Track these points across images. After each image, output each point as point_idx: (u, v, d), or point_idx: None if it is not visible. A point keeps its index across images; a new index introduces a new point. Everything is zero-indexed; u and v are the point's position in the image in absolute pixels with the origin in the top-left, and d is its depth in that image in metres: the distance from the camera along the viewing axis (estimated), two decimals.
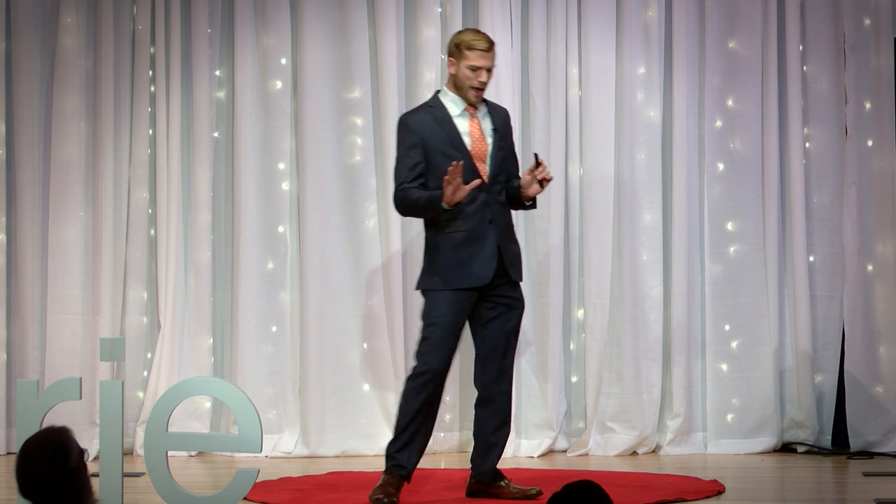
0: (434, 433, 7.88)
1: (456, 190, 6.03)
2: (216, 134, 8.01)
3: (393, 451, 6.25)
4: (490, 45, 6.29)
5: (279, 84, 7.96)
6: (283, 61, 7.95)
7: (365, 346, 7.91)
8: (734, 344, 7.89)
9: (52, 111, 7.91)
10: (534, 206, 6.46)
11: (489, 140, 6.31)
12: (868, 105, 7.88)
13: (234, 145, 7.93)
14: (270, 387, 7.91)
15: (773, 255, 7.86)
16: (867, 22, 7.89)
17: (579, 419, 7.94)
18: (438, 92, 6.40)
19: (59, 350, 7.85)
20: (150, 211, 7.97)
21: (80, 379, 5.57)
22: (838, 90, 7.92)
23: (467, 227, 6.20)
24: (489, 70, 6.29)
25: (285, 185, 7.97)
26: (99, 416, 5.70)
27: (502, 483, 6.37)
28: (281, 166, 7.96)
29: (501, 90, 7.83)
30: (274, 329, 7.93)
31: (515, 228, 6.46)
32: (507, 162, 6.38)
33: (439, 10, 7.95)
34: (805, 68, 7.95)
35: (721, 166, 7.95)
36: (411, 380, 6.24)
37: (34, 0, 7.92)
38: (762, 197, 7.89)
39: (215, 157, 7.99)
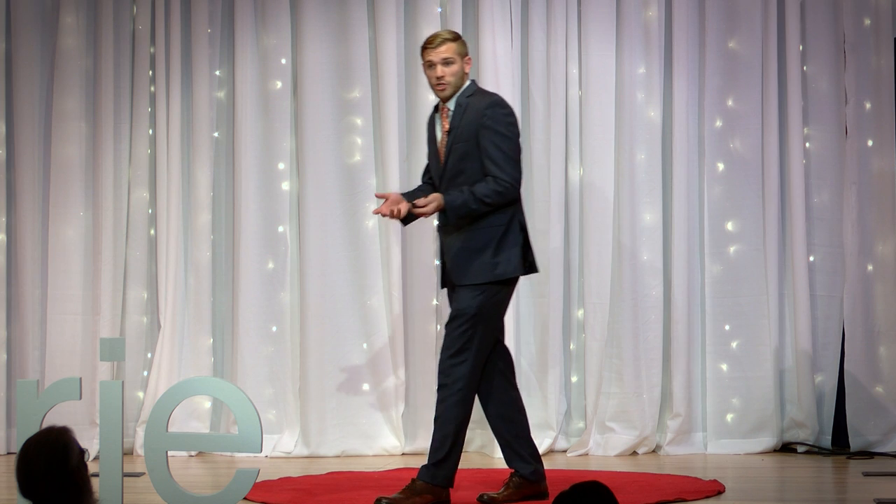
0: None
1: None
2: (216, 134, 8.01)
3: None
4: (440, 40, 6.13)
5: (279, 84, 7.96)
6: (283, 61, 7.95)
7: (365, 346, 7.91)
8: (734, 344, 7.89)
9: (52, 111, 7.91)
10: (446, 217, 6.09)
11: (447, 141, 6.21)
12: (868, 105, 7.87)
13: (234, 145, 7.93)
14: (270, 387, 7.91)
15: (773, 255, 7.86)
16: (867, 22, 7.89)
17: (579, 419, 7.94)
18: None
19: (59, 350, 7.86)
20: (150, 211, 7.97)
21: (80, 379, 5.57)
22: (838, 90, 7.91)
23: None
24: (445, 63, 6.11)
25: (285, 185, 7.96)
26: (99, 416, 5.70)
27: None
28: (281, 166, 7.96)
29: (502, 90, 7.83)
30: (274, 329, 7.93)
31: None
32: (465, 162, 6.09)
33: (439, 10, 7.95)
34: (805, 68, 7.94)
35: (721, 166, 7.94)
36: None
37: (34, 0, 7.92)
38: (762, 197, 7.89)
39: (215, 157, 7.99)
